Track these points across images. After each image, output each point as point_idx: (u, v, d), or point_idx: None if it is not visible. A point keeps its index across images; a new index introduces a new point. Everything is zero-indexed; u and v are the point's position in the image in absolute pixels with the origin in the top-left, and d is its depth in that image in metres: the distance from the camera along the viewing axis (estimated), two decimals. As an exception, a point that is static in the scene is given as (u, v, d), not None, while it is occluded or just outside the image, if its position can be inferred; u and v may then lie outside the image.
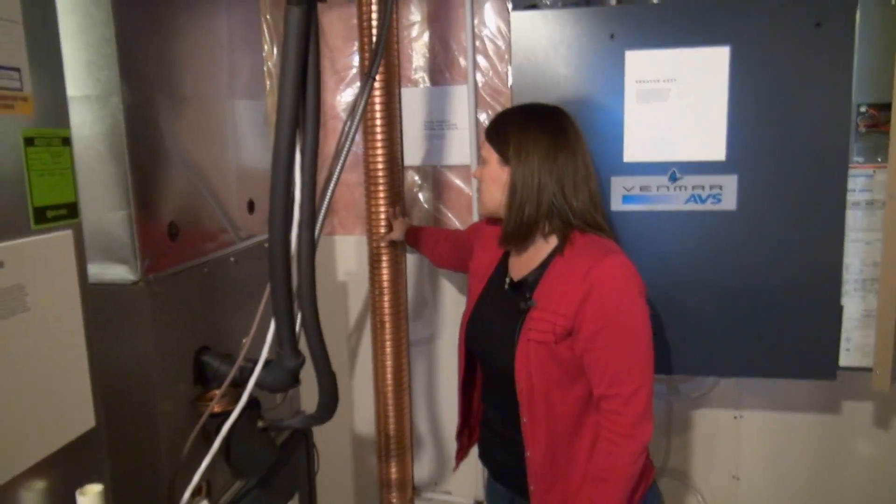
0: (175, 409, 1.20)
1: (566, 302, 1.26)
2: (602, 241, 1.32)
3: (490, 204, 1.39)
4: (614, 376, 1.24)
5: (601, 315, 1.24)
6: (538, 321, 1.29)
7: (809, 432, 2.11)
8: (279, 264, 1.12)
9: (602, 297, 1.24)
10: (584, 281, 1.24)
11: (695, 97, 1.56)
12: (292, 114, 1.07)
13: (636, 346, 1.25)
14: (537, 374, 1.29)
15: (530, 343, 1.29)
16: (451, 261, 1.90)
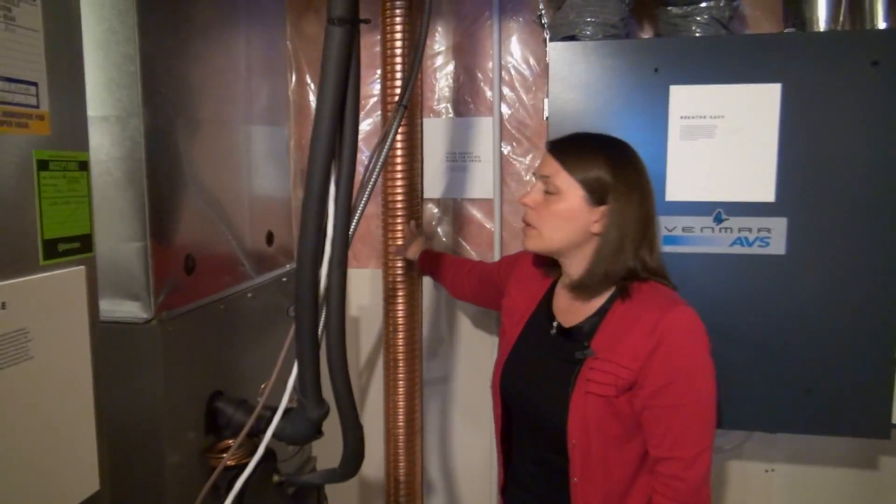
0: (184, 461, 1.09)
1: (630, 353, 1.16)
2: (665, 290, 1.23)
3: (558, 242, 1.24)
4: (677, 438, 1.15)
5: (668, 370, 1.14)
6: (599, 372, 1.18)
7: (844, 488, 2.01)
8: (307, 304, 1.02)
9: (671, 351, 1.15)
10: (653, 332, 1.15)
11: (743, 135, 1.48)
12: (329, 142, 0.98)
13: (702, 407, 1.15)
14: (595, 430, 1.19)
15: (588, 396, 1.19)
16: (475, 295, 1.79)
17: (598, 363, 1.19)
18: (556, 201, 1.22)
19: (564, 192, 1.22)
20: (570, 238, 1.24)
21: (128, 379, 1.01)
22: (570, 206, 1.22)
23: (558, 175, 1.22)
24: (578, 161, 1.22)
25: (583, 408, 1.19)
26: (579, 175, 1.21)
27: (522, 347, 1.36)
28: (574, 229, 1.23)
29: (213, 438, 1.16)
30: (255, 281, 1.36)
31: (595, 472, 1.20)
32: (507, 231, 2.13)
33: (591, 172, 1.21)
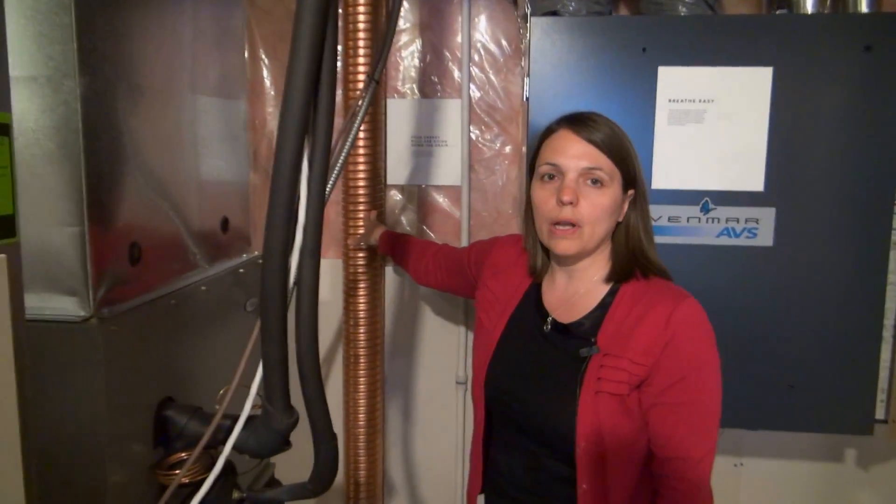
0: (129, 479, 0.94)
1: (643, 348, 1.08)
2: (667, 283, 1.17)
3: (599, 239, 1.14)
4: (685, 437, 1.08)
5: (679, 366, 1.07)
6: (612, 370, 1.10)
7: (811, 482, 2.00)
8: (275, 299, 0.89)
9: (682, 345, 1.08)
10: (667, 326, 1.08)
11: (733, 121, 1.42)
12: (301, 114, 0.85)
13: (712, 404, 1.09)
14: (609, 432, 1.10)
15: (601, 396, 1.10)
16: (440, 282, 1.67)
17: (608, 360, 1.10)
18: (603, 193, 1.11)
19: (609, 181, 1.11)
20: (608, 232, 1.15)
21: (61, 387, 0.86)
22: (615, 196, 1.12)
23: (604, 164, 1.11)
24: (617, 146, 1.12)
25: (594, 408, 1.10)
26: (619, 160, 1.12)
27: (509, 346, 1.25)
28: (614, 221, 1.15)
29: (162, 452, 1.02)
30: (209, 272, 1.21)
31: (606, 477, 1.11)
32: (475, 220, 2.03)
33: (626, 155, 1.13)
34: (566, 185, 1.11)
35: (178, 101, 1.15)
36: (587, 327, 1.15)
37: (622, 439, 1.11)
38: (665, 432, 1.09)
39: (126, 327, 0.92)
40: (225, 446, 0.96)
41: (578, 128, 1.13)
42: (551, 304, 1.22)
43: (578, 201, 1.10)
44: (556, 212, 1.12)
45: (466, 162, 1.99)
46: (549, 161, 1.14)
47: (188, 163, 1.18)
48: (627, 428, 1.10)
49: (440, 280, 1.65)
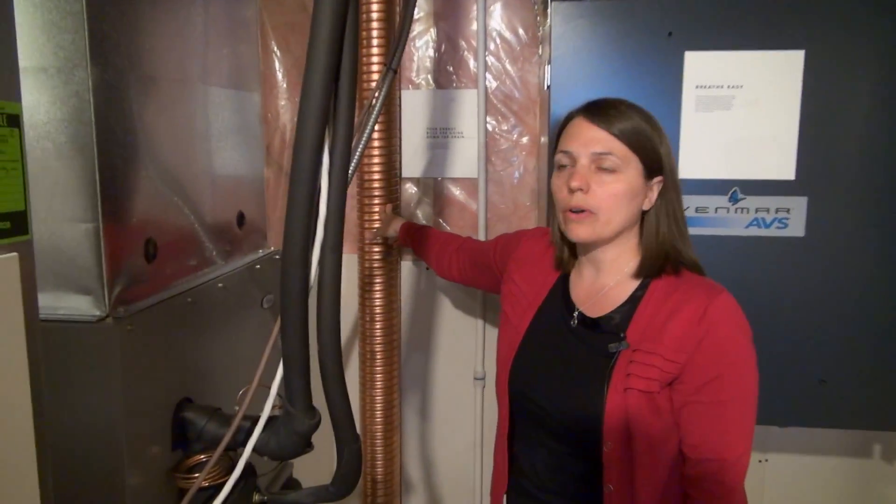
0: (147, 482, 0.91)
1: (675, 345, 1.04)
2: (699, 277, 1.13)
3: (616, 227, 1.10)
4: (720, 438, 1.04)
5: (716, 363, 1.03)
6: (642, 366, 1.06)
7: (838, 478, 1.95)
8: (296, 297, 0.85)
9: (720, 342, 1.03)
10: (701, 321, 1.04)
11: (763, 107, 1.37)
12: (321, 104, 0.81)
13: (748, 404, 1.05)
14: (637, 430, 1.06)
15: (630, 393, 1.06)
16: (463, 275, 1.63)
17: (639, 356, 1.06)
18: (617, 179, 1.08)
19: (624, 167, 1.08)
20: (628, 220, 1.11)
21: (77, 388, 0.83)
22: (631, 182, 1.08)
23: (616, 149, 1.08)
24: (632, 130, 1.08)
25: (622, 406, 1.06)
26: (636, 145, 1.08)
27: (535, 341, 1.21)
28: (634, 209, 1.11)
29: (181, 454, 0.99)
30: (226, 268, 1.18)
31: (634, 478, 1.07)
32: (492, 212, 1.99)
33: (646, 141, 1.09)
34: (576, 171, 1.09)
35: (192, 92, 1.11)
36: (617, 322, 1.12)
37: (652, 439, 1.07)
38: (699, 433, 1.05)
39: (142, 327, 0.89)
40: (245, 448, 0.93)
41: (592, 114, 1.11)
42: (579, 298, 1.18)
43: (590, 188, 1.08)
44: (568, 199, 1.10)
45: (483, 153, 1.95)
46: (563, 149, 1.13)
47: (202, 156, 1.15)
48: (657, 427, 1.06)
49: (463, 274, 1.62)
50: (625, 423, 1.06)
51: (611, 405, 1.06)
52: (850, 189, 1.39)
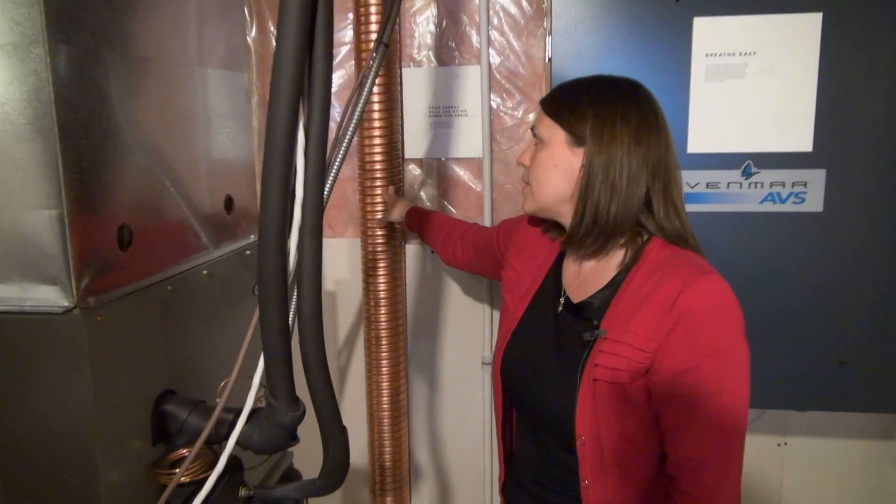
0: (126, 479, 0.88)
1: (645, 332, 0.96)
2: (689, 256, 1.03)
3: (548, 195, 1.08)
4: (700, 436, 0.96)
5: (691, 353, 0.94)
6: (609, 355, 0.99)
7: (858, 461, 1.89)
8: (274, 284, 0.81)
9: (694, 328, 0.94)
10: (672, 307, 0.95)
11: (777, 75, 1.29)
12: (295, 76, 0.76)
13: (734, 398, 0.95)
14: (605, 423, 1.00)
15: (597, 384, 0.99)
16: (468, 262, 1.60)
17: (607, 345, 0.99)
18: (541, 148, 1.09)
19: (548, 139, 1.08)
20: (558, 188, 1.07)
21: (45, 383, 0.80)
22: (554, 152, 1.07)
23: (542, 123, 1.09)
24: (559, 104, 1.08)
25: (591, 397, 1.00)
26: (559, 117, 1.06)
27: (526, 328, 1.16)
28: (560, 177, 1.06)
29: (163, 449, 0.95)
30: (213, 255, 1.14)
31: (609, 474, 1.01)
32: (498, 193, 1.93)
33: (570, 110, 1.05)
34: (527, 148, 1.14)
35: (175, 71, 1.06)
36: (596, 307, 1.06)
37: (627, 432, 1.00)
38: (677, 429, 0.98)
39: (115, 317, 0.85)
40: (227, 442, 0.89)
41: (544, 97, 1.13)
42: (568, 280, 1.13)
43: (531, 162, 1.11)
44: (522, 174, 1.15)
45: (487, 132, 1.89)
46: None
47: (186, 138, 1.11)
48: (632, 420, 1.00)
49: (468, 261, 1.58)
50: (595, 416, 1.00)
51: (582, 397, 1.00)
52: (872, 161, 1.31)
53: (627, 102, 1.03)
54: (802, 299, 1.37)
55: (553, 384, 1.06)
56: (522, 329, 1.17)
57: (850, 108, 1.30)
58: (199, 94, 1.15)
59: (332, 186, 1.19)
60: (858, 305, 1.36)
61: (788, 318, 1.39)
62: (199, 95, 1.15)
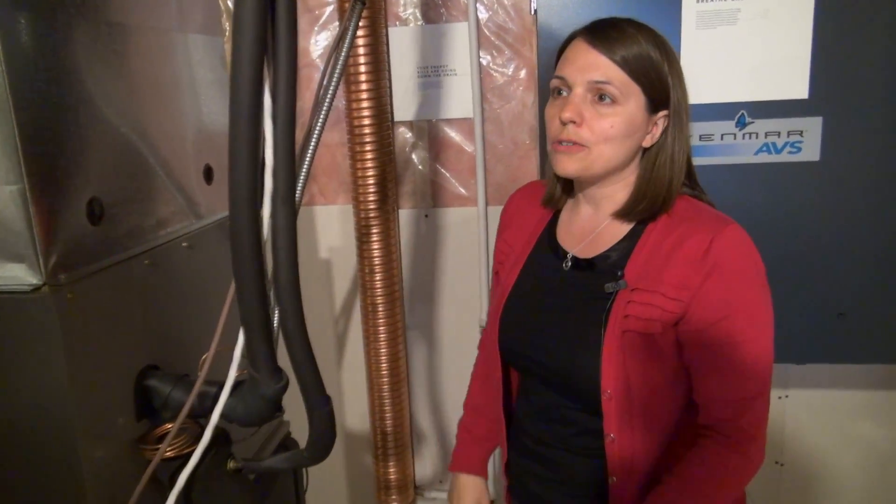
0: (109, 455, 0.87)
1: (678, 282, 0.96)
2: (705, 207, 1.03)
3: (610, 162, 1.00)
4: (730, 380, 0.97)
5: (725, 302, 0.95)
6: (641, 306, 0.97)
7: (859, 411, 1.89)
8: (247, 255, 0.79)
9: (728, 278, 0.95)
10: (706, 256, 0.95)
11: (772, 19, 1.24)
12: (257, 33, 0.72)
13: (762, 345, 0.97)
14: (636, 374, 0.99)
15: (627, 335, 0.98)
16: None
17: (638, 295, 0.98)
18: (614, 112, 0.97)
19: (624, 98, 0.97)
20: (625, 156, 1.01)
21: (18, 363, 0.78)
22: (631, 116, 0.98)
23: (615, 77, 0.96)
24: (637, 58, 0.96)
25: (620, 349, 0.98)
26: (639, 74, 0.97)
27: (524, 292, 1.13)
28: (632, 144, 1.00)
29: (148, 424, 0.94)
30: (193, 227, 1.12)
31: (635, 425, 1.01)
32: (491, 153, 1.90)
33: (652, 72, 0.97)
34: (570, 100, 0.98)
35: (147, 37, 1.03)
36: (613, 260, 1.03)
37: (653, 383, 1.00)
38: (708, 377, 0.98)
39: (89, 293, 0.83)
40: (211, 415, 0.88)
41: (593, 36, 0.99)
42: (573, 238, 1.10)
43: (584, 119, 0.97)
44: (559, 130, 0.99)
45: (478, 91, 1.84)
46: (558, 73, 1.02)
47: (162, 107, 1.07)
48: (659, 372, 0.99)
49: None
50: (623, 368, 0.98)
51: (608, 349, 0.98)
52: (871, 106, 1.26)
53: (676, 56, 1.01)
54: (799, 252, 1.35)
55: (571, 341, 1.04)
56: (518, 294, 1.14)
57: (847, 51, 1.25)
58: (174, 60, 1.11)
59: (314, 151, 1.18)
60: (856, 257, 1.34)
61: (786, 271, 1.36)
62: (174, 62, 1.11)
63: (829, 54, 1.25)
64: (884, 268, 1.34)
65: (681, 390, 1.03)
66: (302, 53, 1.92)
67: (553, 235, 1.12)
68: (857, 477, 1.94)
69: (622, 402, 1.00)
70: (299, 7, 1.90)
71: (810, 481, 1.96)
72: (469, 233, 1.93)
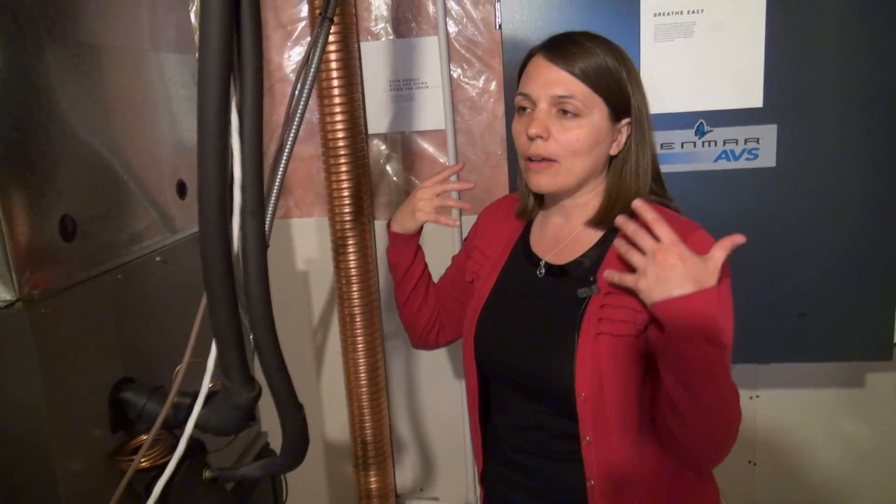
0: (85, 468, 0.89)
1: None
2: (672, 213, 1.06)
3: (581, 174, 1.03)
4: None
5: None
6: (615, 309, 1.00)
7: (830, 409, 1.93)
8: (218, 268, 0.81)
9: None
10: None
11: (726, 31, 1.29)
12: (222, 53, 0.75)
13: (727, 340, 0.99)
14: (610, 377, 1.01)
15: (602, 338, 1.00)
16: (435, 307, 1.35)
17: (613, 299, 1.01)
18: (579, 124, 1.01)
19: (587, 111, 1.01)
20: (594, 166, 1.05)
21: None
22: (595, 127, 1.01)
23: (577, 91, 1.00)
24: (597, 69, 1.00)
25: (593, 353, 1.01)
26: (600, 86, 1.00)
27: (499, 301, 1.15)
28: (600, 153, 1.04)
29: (124, 436, 0.96)
30: (167, 241, 1.13)
31: (611, 427, 1.02)
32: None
33: (612, 82, 1.01)
34: (535, 116, 1.01)
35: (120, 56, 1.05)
36: (586, 266, 1.06)
37: (626, 385, 1.02)
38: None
39: (62, 309, 0.85)
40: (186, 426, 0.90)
41: (553, 52, 1.03)
42: (546, 247, 1.13)
43: (550, 134, 1.00)
44: (527, 146, 1.03)
45: (449, 103, 1.88)
46: (522, 90, 1.05)
47: (135, 124, 1.09)
48: (632, 373, 1.01)
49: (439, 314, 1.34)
50: (597, 370, 1.00)
51: (582, 352, 1.01)
52: (822, 112, 1.32)
53: (634, 67, 1.04)
54: (760, 254, 1.39)
55: (545, 346, 1.06)
56: (493, 304, 1.16)
57: (797, 61, 1.31)
58: (147, 78, 1.13)
59: (286, 165, 1.20)
60: (814, 257, 1.38)
61: (748, 273, 1.40)
62: (147, 80, 1.13)
63: (781, 64, 1.31)
64: (841, 267, 1.39)
65: (648, 390, 1.05)
66: (275, 68, 1.94)
67: (527, 245, 1.15)
68: (828, 474, 1.98)
69: (597, 405, 1.01)
70: (272, 23, 1.92)
71: (783, 480, 2.00)
72: (444, 242, 1.96)
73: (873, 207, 1.35)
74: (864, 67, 1.30)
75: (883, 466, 1.94)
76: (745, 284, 1.39)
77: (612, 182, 1.07)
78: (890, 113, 1.31)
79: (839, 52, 1.30)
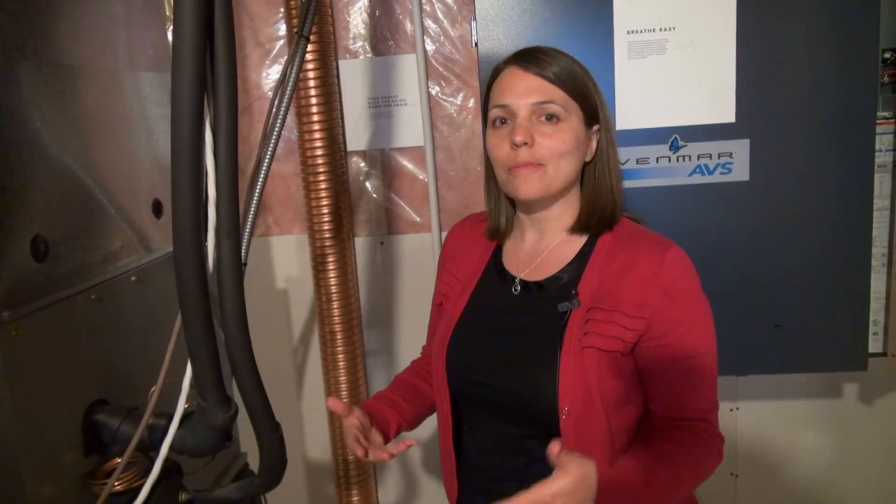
0: (58, 492, 0.87)
1: (637, 301, 0.99)
2: (644, 229, 1.09)
3: (565, 178, 1.05)
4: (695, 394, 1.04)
5: (683, 315, 1.00)
6: (602, 324, 1.00)
7: (810, 420, 1.94)
8: (192, 288, 0.80)
9: (682, 293, 1.01)
10: (658, 272, 0.99)
11: (698, 48, 1.31)
12: (195, 69, 0.75)
13: (714, 355, 1.04)
14: (594, 391, 1.00)
15: (588, 352, 0.99)
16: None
17: (597, 313, 1.00)
18: (560, 128, 1.02)
19: (567, 114, 1.03)
20: (576, 170, 1.06)
21: (-38, 403, 0.78)
22: (576, 130, 1.04)
23: (556, 95, 1.02)
24: (568, 73, 1.03)
25: (577, 367, 0.99)
26: (574, 91, 1.03)
27: (472, 318, 1.13)
28: (580, 157, 1.06)
29: (98, 459, 0.94)
30: (142, 261, 1.12)
31: (594, 443, 1.00)
32: (443, 180, 1.94)
33: (583, 87, 1.04)
34: (518, 124, 1.02)
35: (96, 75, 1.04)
36: (565, 281, 1.06)
37: (612, 400, 1.01)
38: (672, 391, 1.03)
39: (33, 330, 0.84)
40: (161, 447, 0.89)
41: (525, 62, 1.04)
42: (520, 264, 1.12)
43: (535, 141, 1.01)
44: (511, 157, 1.03)
45: (427, 120, 1.89)
46: (498, 103, 1.05)
47: (110, 144, 1.09)
48: (617, 389, 1.01)
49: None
50: (582, 384, 0.99)
51: (565, 366, 0.99)
52: (794, 127, 1.34)
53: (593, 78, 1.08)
54: (735, 267, 1.41)
55: (524, 362, 1.04)
56: (465, 325, 1.13)
57: (769, 77, 1.33)
58: (122, 97, 1.13)
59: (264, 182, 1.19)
60: (788, 270, 1.40)
61: (723, 286, 1.42)
62: (122, 99, 1.13)
63: (752, 80, 1.33)
64: (816, 279, 1.41)
65: (633, 410, 1.05)
66: (254, 87, 1.94)
67: (500, 263, 1.15)
68: (809, 484, 1.99)
69: (580, 420, 1.00)
70: (250, 42, 1.93)
71: (764, 491, 2.01)
72: (424, 258, 1.96)
73: (845, 220, 1.38)
74: (833, 83, 1.32)
75: (862, 474, 1.96)
76: (721, 297, 1.41)
77: (588, 188, 1.08)
78: (858, 126, 1.34)
79: (808, 69, 1.33)
